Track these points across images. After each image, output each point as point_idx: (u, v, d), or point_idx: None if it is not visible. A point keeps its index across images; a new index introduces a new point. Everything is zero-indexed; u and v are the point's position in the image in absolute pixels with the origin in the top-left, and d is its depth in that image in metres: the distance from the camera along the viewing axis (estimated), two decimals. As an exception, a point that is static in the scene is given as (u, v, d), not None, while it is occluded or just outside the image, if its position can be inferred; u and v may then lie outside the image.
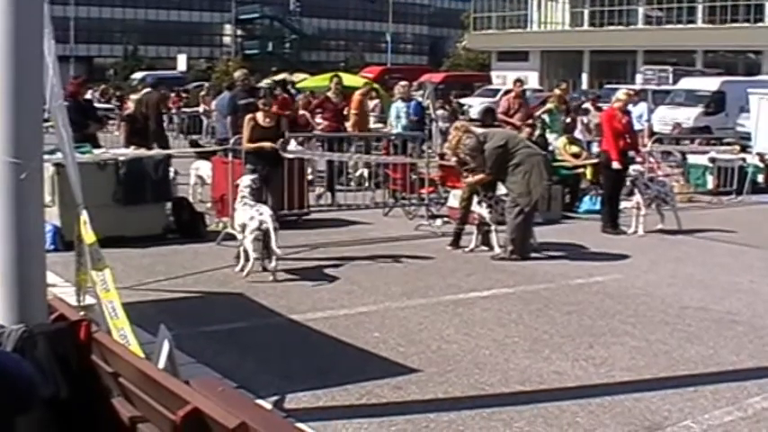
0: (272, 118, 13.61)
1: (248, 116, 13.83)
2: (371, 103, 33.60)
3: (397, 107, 22.23)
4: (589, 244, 15.22)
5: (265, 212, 12.31)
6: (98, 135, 17.41)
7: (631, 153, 17.37)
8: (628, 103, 17.44)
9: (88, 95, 22.17)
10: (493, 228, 14.27)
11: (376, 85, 42.71)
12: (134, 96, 19.97)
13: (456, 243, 14.65)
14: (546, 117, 20.96)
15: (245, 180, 12.79)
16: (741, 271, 13.44)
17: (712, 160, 23.16)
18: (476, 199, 14.39)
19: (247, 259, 12.32)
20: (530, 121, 20.28)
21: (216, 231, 14.90)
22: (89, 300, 7.54)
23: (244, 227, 12.36)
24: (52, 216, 12.39)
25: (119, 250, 12.21)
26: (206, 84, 53.32)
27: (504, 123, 21.60)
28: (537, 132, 20.15)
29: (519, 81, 23.40)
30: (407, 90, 22.76)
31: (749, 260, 14.40)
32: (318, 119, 22.82)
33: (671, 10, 73.86)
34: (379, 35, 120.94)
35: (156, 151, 16.09)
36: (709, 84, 43.60)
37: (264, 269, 12.39)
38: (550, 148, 19.82)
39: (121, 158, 14.71)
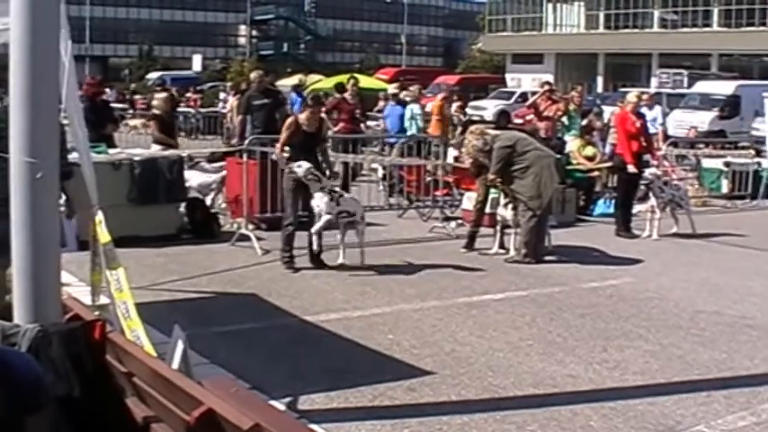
0: (316, 122, 13.36)
1: (290, 119, 13.70)
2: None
3: (412, 109, 22.27)
4: (603, 247, 15.20)
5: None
6: (114, 135, 17.40)
7: (646, 156, 17.37)
8: (639, 105, 17.37)
9: (107, 95, 22.15)
10: (512, 231, 14.27)
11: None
12: (159, 95, 19.96)
13: (470, 245, 14.64)
14: (565, 120, 20.92)
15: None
16: (755, 275, 13.41)
17: (727, 164, 23.10)
18: (503, 201, 14.38)
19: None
20: (541, 124, 20.26)
21: (230, 232, 14.93)
22: (103, 299, 7.56)
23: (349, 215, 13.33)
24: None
25: (133, 250, 12.23)
26: (223, 84, 53.42)
27: (524, 123, 21.59)
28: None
29: (548, 83, 23.31)
30: (420, 93, 22.85)
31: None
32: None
33: (686, 13, 73.74)
34: (394, 36, 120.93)
35: (171, 151, 16.10)
36: (725, 87, 43.50)
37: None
38: (566, 150, 19.81)
39: (136, 158, 14.73)
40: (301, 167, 12.67)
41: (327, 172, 13.18)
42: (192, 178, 17.46)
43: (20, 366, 3.67)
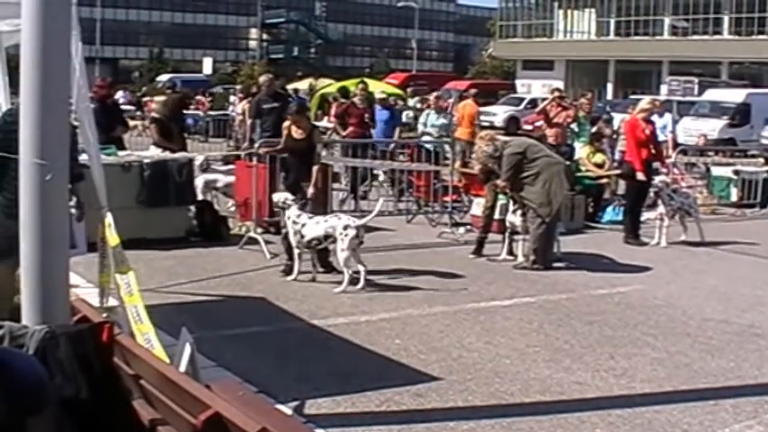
0: (304, 130, 13.37)
1: (285, 123, 13.76)
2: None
3: (428, 116, 22.47)
4: (611, 254, 15.17)
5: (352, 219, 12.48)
6: (124, 137, 17.41)
7: (656, 164, 17.34)
8: (651, 113, 17.33)
9: (119, 98, 22.13)
10: (521, 237, 14.24)
11: (399, 91, 43.01)
12: (158, 98, 20.00)
13: (478, 251, 14.63)
14: (574, 126, 20.91)
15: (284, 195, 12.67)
16: (764, 284, 13.37)
17: (736, 172, 23.05)
18: (511, 207, 14.35)
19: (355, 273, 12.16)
20: (550, 131, 20.24)
21: (239, 235, 14.94)
22: (112, 301, 7.58)
23: (326, 238, 12.36)
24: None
25: (142, 252, 12.21)
26: (233, 87, 53.32)
27: (534, 130, 21.64)
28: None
29: (558, 89, 23.32)
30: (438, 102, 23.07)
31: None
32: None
33: (697, 21, 73.74)
34: (405, 41, 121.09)
35: (181, 154, 16.10)
36: (735, 95, 43.43)
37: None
38: (575, 157, 19.80)
39: (146, 161, 14.75)
40: (276, 197, 12.70)
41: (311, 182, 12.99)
42: (220, 179, 17.53)
43: (21, 368, 3.67)
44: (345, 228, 12.10)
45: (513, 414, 7.62)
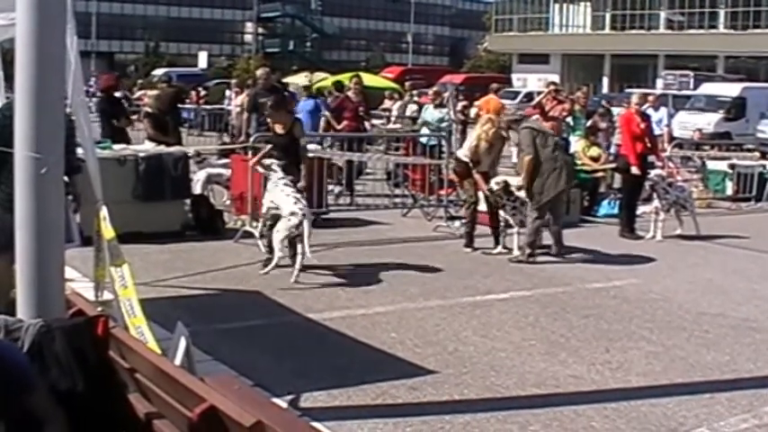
0: (284, 125, 13.26)
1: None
2: (391, 104, 33.68)
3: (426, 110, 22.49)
4: (607, 248, 15.18)
5: (306, 211, 12.26)
6: (127, 129, 17.44)
7: (651, 158, 17.34)
8: (642, 105, 17.33)
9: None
10: (515, 230, 14.23)
11: (395, 85, 42.96)
12: (151, 92, 19.92)
13: (470, 244, 14.63)
14: (570, 120, 20.91)
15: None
16: (759, 278, 13.39)
17: (732, 166, 23.07)
18: (497, 202, 14.34)
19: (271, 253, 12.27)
20: (546, 124, 20.21)
21: (234, 229, 14.93)
22: (107, 295, 7.57)
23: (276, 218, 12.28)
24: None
25: (137, 246, 12.18)
26: (231, 82, 53.21)
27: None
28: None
29: (553, 83, 23.33)
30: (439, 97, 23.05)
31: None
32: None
33: (693, 15, 73.75)
34: (401, 35, 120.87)
35: (177, 148, 16.09)
36: (730, 89, 43.43)
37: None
38: (571, 150, 19.79)
39: (141, 155, 14.73)
40: (267, 161, 12.61)
41: (302, 177, 12.92)
42: (224, 174, 17.52)
43: (6, 355, 3.67)
44: (292, 214, 12.07)
45: (508, 407, 7.63)
